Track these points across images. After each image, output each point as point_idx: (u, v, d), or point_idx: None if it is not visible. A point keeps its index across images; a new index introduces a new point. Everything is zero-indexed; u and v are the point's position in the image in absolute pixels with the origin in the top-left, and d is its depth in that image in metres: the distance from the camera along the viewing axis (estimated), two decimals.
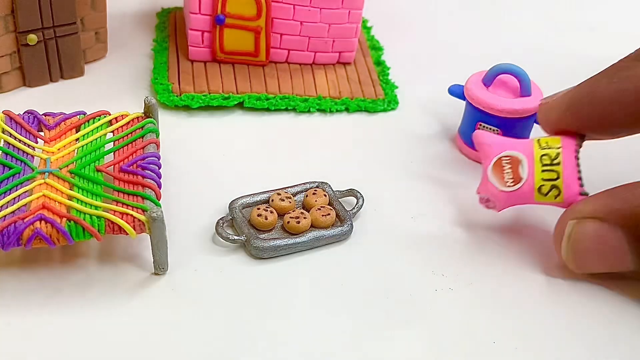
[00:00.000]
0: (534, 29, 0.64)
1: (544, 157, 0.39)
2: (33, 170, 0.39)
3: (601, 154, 0.47)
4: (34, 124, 0.42)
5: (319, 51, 0.54)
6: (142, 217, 0.37)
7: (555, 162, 0.38)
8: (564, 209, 0.39)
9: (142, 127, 0.42)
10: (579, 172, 0.39)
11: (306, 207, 0.43)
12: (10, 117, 0.42)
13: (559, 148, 0.39)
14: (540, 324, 0.39)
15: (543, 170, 0.38)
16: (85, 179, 0.39)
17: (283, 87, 0.52)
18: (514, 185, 0.38)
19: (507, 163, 0.39)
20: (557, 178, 0.38)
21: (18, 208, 0.36)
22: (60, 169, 0.39)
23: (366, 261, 0.41)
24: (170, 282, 0.39)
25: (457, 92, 0.49)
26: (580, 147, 0.40)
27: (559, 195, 0.38)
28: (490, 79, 0.47)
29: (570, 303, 0.40)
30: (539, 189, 0.38)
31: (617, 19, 0.67)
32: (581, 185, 0.39)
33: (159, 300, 0.38)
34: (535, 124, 0.48)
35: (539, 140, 0.40)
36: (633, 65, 0.38)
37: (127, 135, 0.42)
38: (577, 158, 0.39)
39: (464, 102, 0.49)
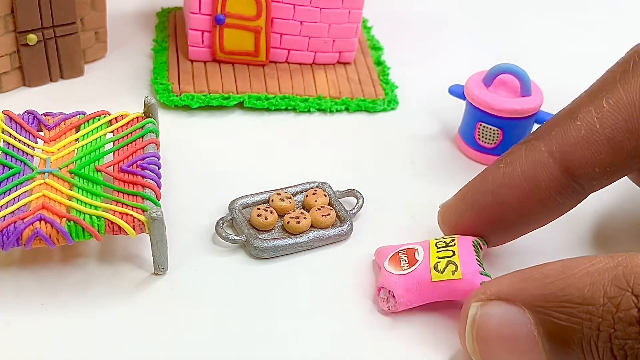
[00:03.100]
0: (534, 28, 0.64)
1: (439, 243, 0.38)
2: (33, 170, 0.39)
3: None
4: (34, 124, 0.42)
5: (319, 51, 0.54)
6: (141, 217, 0.37)
7: (450, 244, 0.38)
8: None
9: (142, 127, 0.42)
10: (477, 259, 0.37)
11: (306, 207, 0.43)
12: (10, 117, 0.42)
13: (455, 237, 0.39)
14: None
15: (438, 251, 0.37)
16: (85, 179, 0.39)
17: (283, 87, 0.52)
18: (410, 267, 0.37)
19: (403, 254, 0.38)
20: (453, 255, 0.37)
21: (18, 208, 0.36)
22: (60, 169, 0.39)
23: (366, 261, 0.41)
24: (170, 282, 0.39)
25: (457, 92, 0.49)
26: (479, 247, 0.39)
27: (456, 270, 0.36)
28: (490, 78, 0.47)
29: None
30: (435, 266, 0.37)
31: (617, 18, 0.67)
32: (481, 267, 0.37)
33: (159, 300, 0.38)
34: (535, 124, 0.48)
35: (435, 237, 0.39)
36: (519, 149, 0.38)
37: (127, 135, 0.42)
38: (474, 247, 0.38)
39: (464, 102, 0.49)
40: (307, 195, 0.43)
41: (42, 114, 0.43)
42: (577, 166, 0.37)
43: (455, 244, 0.38)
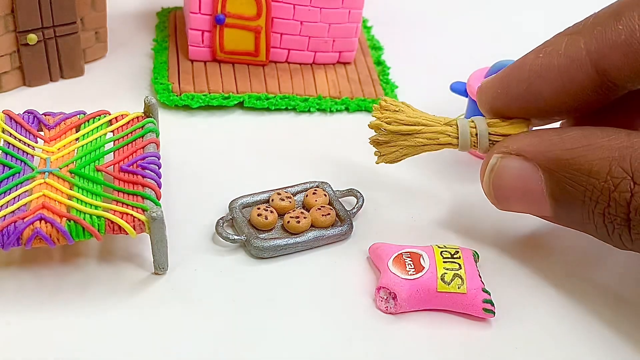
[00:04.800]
0: (536, 23, 0.64)
1: (444, 253, 0.39)
2: (33, 169, 0.39)
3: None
4: (34, 123, 0.42)
5: (319, 51, 0.54)
6: (142, 217, 0.37)
7: (456, 256, 0.39)
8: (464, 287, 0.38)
9: (142, 127, 0.42)
10: (480, 275, 0.39)
11: (306, 207, 0.43)
12: (10, 117, 0.42)
13: (457, 248, 0.40)
14: (539, 324, 0.39)
15: (445, 262, 0.38)
16: (85, 178, 0.39)
17: (283, 86, 0.52)
18: (416, 273, 0.38)
19: (407, 257, 0.39)
20: (460, 268, 0.38)
21: (18, 208, 0.36)
22: (60, 168, 0.39)
23: (366, 261, 0.41)
24: (170, 282, 0.39)
25: (459, 89, 0.49)
26: (476, 260, 0.40)
27: (462, 285, 0.38)
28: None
29: (567, 303, 0.40)
30: (442, 277, 0.38)
31: None
32: (483, 283, 0.38)
33: (159, 300, 0.38)
34: None
35: (437, 244, 0.40)
36: (559, 41, 0.38)
37: (127, 134, 0.42)
38: (475, 261, 0.40)
39: (465, 100, 0.49)
40: (307, 195, 0.43)
41: (42, 114, 0.43)
42: (613, 69, 0.36)
43: (460, 257, 0.39)
